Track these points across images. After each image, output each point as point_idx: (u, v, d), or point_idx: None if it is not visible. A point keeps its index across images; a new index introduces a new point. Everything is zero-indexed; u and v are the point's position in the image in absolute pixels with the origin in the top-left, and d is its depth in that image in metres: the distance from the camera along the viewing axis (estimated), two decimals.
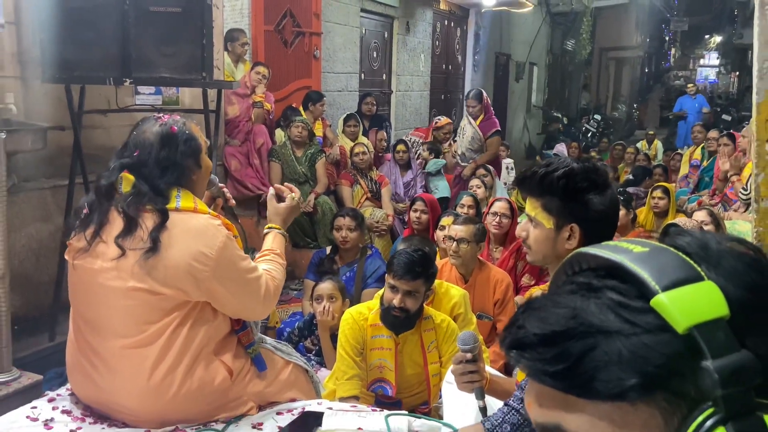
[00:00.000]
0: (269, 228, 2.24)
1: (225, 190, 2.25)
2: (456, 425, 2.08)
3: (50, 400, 2.06)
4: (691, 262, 0.53)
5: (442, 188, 6.24)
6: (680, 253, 0.54)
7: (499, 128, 6.58)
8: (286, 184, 2.35)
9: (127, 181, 1.85)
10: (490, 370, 2.25)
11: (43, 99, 3.60)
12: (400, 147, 6.20)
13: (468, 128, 6.37)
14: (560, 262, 1.68)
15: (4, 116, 3.27)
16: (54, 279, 3.48)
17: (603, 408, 0.52)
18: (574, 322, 0.52)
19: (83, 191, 3.56)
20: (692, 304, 0.50)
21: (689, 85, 13.56)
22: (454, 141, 6.90)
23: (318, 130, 5.97)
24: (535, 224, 1.64)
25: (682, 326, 0.49)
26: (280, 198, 2.28)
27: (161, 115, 1.98)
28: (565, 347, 0.52)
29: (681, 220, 4.26)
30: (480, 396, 1.86)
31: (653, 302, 0.51)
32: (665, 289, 0.51)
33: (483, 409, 1.87)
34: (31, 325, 3.52)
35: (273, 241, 2.21)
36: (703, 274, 0.52)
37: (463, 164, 6.41)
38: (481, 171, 6.56)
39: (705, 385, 0.48)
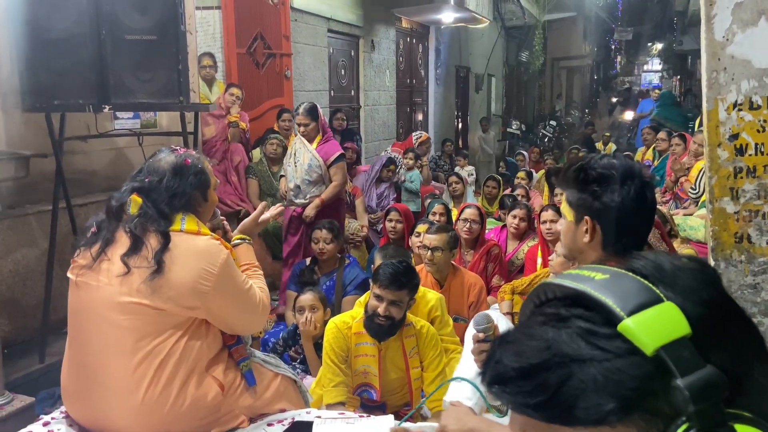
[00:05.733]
0: (242, 239, 2.22)
1: (225, 222, 2.25)
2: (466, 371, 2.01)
3: (45, 424, 2.01)
4: (649, 284, 0.54)
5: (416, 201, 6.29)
6: (638, 277, 0.55)
7: (342, 151, 4.81)
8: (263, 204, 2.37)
9: (135, 204, 1.86)
10: None
11: (25, 128, 3.52)
12: (392, 167, 6.12)
13: (303, 153, 4.60)
14: (582, 257, 1.60)
15: None
16: (41, 302, 3.39)
17: None
18: (549, 353, 0.52)
19: (67, 215, 3.48)
20: (656, 326, 0.50)
21: (656, 91, 13.84)
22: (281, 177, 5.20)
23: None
24: (563, 217, 1.62)
25: (650, 349, 0.50)
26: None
27: (178, 147, 2.00)
28: (543, 379, 0.52)
29: None
30: None
31: (620, 327, 0.51)
32: (630, 314, 0.51)
33: None
34: (20, 348, 3.42)
35: (249, 253, 2.21)
36: (661, 295, 0.53)
37: (298, 201, 4.60)
38: (453, 178, 6.58)
39: (678, 403, 0.49)
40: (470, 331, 2.23)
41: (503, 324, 2.01)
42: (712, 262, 1.76)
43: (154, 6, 3.18)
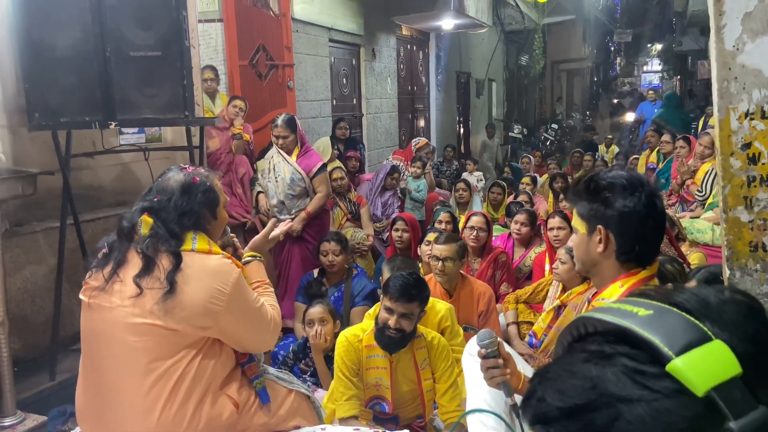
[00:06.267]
0: (252, 257, 2.22)
1: (235, 240, 2.24)
2: (476, 397, 1.98)
3: None
4: (696, 321, 0.53)
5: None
6: (683, 313, 0.54)
7: (324, 161, 4.70)
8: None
9: (146, 224, 1.86)
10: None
11: (31, 145, 3.52)
12: (396, 175, 6.19)
13: (283, 167, 4.47)
14: (596, 269, 1.60)
15: None
16: (50, 319, 3.39)
17: None
18: (594, 392, 0.51)
19: (74, 232, 3.48)
20: (707, 366, 0.50)
21: (650, 92, 13.82)
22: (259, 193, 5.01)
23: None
24: (575, 232, 1.62)
25: (701, 390, 0.49)
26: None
27: (187, 165, 2.00)
28: (590, 419, 0.51)
29: None
30: (508, 393, 1.74)
31: (669, 368, 0.50)
32: (678, 353, 0.50)
33: (513, 407, 1.74)
34: (31, 366, 3.42)
35: (260, 270, 2.21)
36: (709, 333, 0.52)
37: (283, 217, 4.32)
38: (461, 185, 6.57)
39: None
40: (467, 351, 2.19)
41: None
42: (726, 272, 1.75)
43: (158, 22, 3.19)
